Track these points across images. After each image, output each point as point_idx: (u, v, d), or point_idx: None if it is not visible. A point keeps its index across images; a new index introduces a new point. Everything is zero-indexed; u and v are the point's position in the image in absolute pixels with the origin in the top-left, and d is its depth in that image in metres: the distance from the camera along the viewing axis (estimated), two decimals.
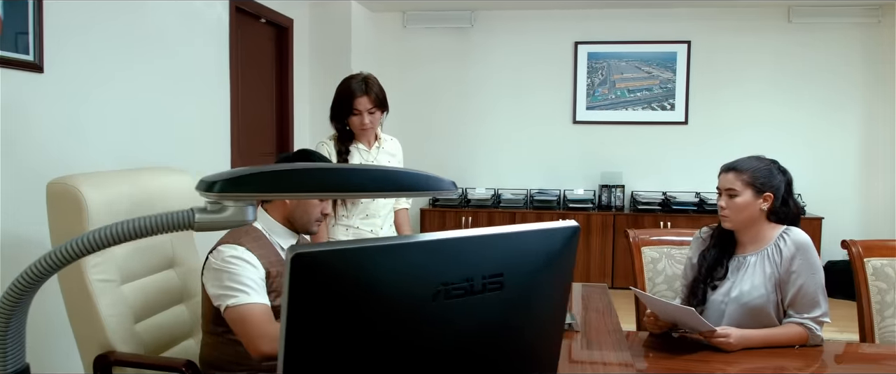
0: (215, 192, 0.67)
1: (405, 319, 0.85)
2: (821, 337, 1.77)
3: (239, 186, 0.69)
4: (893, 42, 4.75)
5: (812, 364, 1.72)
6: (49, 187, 1.66)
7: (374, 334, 0.82)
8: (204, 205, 0.72)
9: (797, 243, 1.75)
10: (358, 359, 0.82)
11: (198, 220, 0.70)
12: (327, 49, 4.89)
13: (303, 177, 0.72)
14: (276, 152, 4.59)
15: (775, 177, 1.85)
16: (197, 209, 0.71)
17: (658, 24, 4.97)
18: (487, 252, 0.93)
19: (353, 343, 0.81)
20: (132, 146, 2.80)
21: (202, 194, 0.71)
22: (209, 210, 0.72)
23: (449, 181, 0.88)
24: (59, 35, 2.36)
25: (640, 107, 5.05)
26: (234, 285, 1.54)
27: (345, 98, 2.24)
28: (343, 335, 0.80)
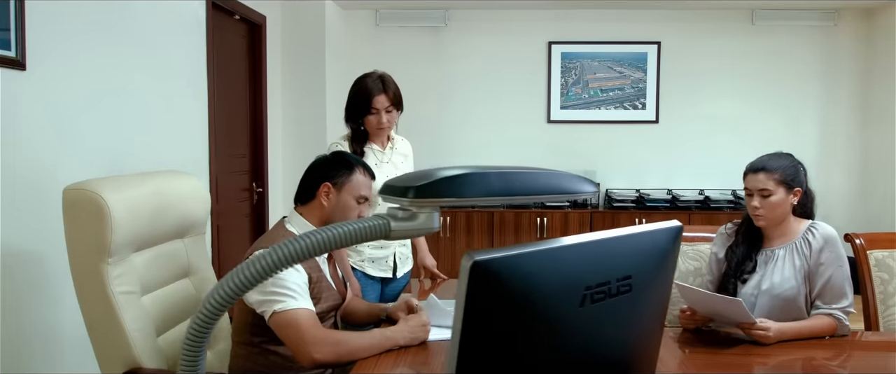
0: (410, 198, 0.63)
1: (560, 322, 0.82)
2: (848, 327, 1.82)
3: (432, 192, 0.64)
4: (847, 44, 5.01)
5: (841, 354, 1.78)
6: (66, 194, 1.54)
7: (535, 338, 0.79)
8: (396, 212, 0.66)
9: (825, 237, 1.81)
10: (520, 364, 0.78)
11: (394, 228, 0.65)
12: (299, 47, 4.77)
13: (490, 180, 0.68)
14: (250, 154, 4.44)
15: (800, 172, 1.91)
16: (392, 217, 0.66)
17: (629, 25, 5.07)
18: (617, 255, 0.91)
19: (517, 349, 0.78)
20: (114, 145, 2.66)
21: (389, 199, 0.66)
22: (400, 217, 0.66)
23: (594, 183, 0.87)
24: (40, 32, 2.23)
25: (612, 106, 5.14)
26: (279, 290, 1.47)
27: (362, 96, 2.18)
28: (510, 341, 0.76)
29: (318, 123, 4.82)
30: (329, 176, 1.67)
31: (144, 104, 2.91)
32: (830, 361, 1.75)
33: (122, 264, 1.58)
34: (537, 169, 0.77)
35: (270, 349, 1.58)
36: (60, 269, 2.32)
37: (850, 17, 4.99)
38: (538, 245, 0.77)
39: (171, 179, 1.83)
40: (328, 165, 1.70)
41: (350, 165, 1.69)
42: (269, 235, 1.64)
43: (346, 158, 1.72)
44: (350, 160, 1.72)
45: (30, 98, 2.20)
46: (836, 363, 1.75)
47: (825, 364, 1.73)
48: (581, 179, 0.83)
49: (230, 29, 4.05)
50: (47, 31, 2.26)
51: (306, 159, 4.79)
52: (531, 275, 0.76)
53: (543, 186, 0.74)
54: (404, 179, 0.67)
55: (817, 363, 1.73)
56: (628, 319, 0.95)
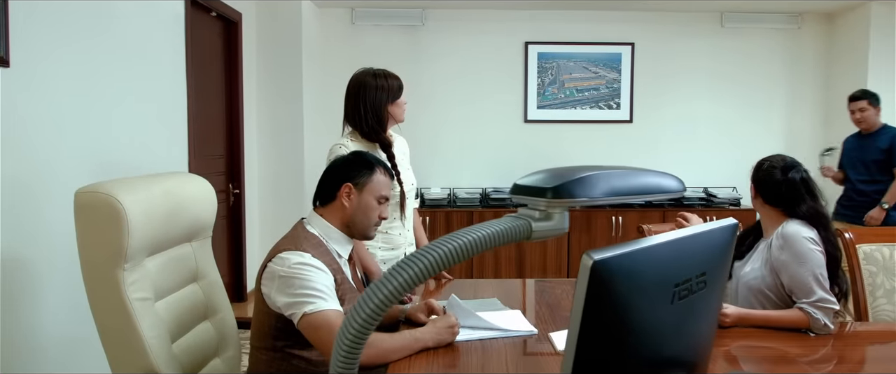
0: (548, 198, 0.61)
1: (657, 319, 0.82)
2: (821, 321, 1.80)
3: (567, 193, 0.63)
4: (811, 46, 5.21)
5: (814, 346, 1.79)
6: (79, 196, 1.47)
7: (637, 336, 0.79)
8: (532, 213, 0.65)
9: (784, 235, 1.88)
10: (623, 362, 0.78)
11: (535, 229, 0.64)
12: (275, 45, 4.69)
13: (614, 181, 0.68)
14: (226, 154, 4.33)
15: (761, 171, 2.01)
16: (530, 218, 0.64)
17: (603, 26, 5.15)
18: (695, 253, 0.92)
19: (622, 346, 0.78)
20: (97, 144, 2.57)
21: (521, 199, 0.65)
22: (537, 218, 0.65)
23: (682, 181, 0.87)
24: (23, 29, 2.14)
25: (588, 106, 5.21)
26: (309, 291, 1.44)
27: (394, 90, 2.14)
28: (618, 339, 0.76)
29: (294, 122, 4.74)
30: (350, 177, 1.63)
31: (125, 102, 2.81)
32: (806, 354, 1.76)
33: (138, 269, 1.52)
34: (643, 169, 0.77)
35: (294, 353, 1.55)
36: (43, 271, 2.23)
37: (812, 20, 5.19)
38: (639, 244, 0.77)
39: (180, 180, 1.76)
40: (349, 165, 1.66)
41: (371, 165, 1.66)
42: (292, 237, 1.60)
43: (367, 158, 1.69)
44: (370, 160, 1.69)
45: (14, 95, 2.11)
46: (816, 354, 1.77)
47: (790, 354, 1.73)
48: (675, 178, 0.83)
49: (207, 26, 3.94)
50: (30, 28, 2.18)
51: (283, 160, 4.74)
52: (636, 273, 0.76)
53: (653, 186, 0.75)
54: (535, 180, 0.66)
55: (789, 356, 1.74)
56: (704, 314, 0.97)
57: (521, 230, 0.63)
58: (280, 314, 1.52)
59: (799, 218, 1.93)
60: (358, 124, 2.17)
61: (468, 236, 0.60)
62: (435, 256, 0.58)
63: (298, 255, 1.50)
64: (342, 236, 1.65)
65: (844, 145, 4.11)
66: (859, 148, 3.91)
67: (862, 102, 3.85)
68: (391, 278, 0.57)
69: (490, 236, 0.61)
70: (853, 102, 3.90)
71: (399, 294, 0.58)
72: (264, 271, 1.54)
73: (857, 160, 3.93)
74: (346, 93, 2.19)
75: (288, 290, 1.46)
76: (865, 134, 3.91)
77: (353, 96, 2.16)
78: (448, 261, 0.59)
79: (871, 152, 3.84)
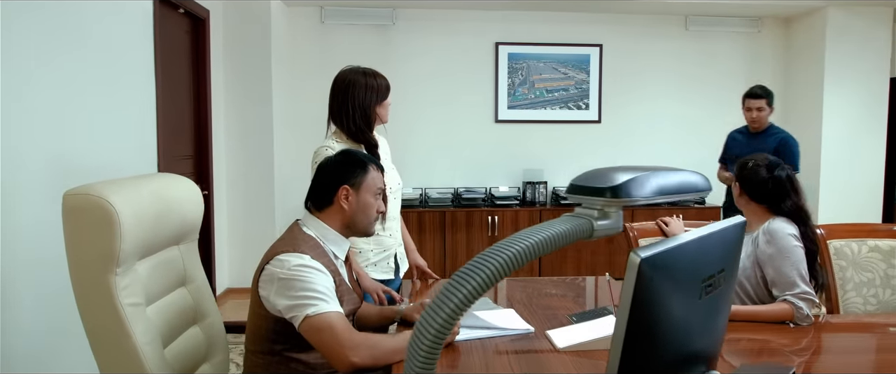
0: (607, 198, 0.62)
1: (689, 314, 0.84)
2: (805, 311, 1.93)
3: (624, 192, 0.64)
4: (769, 48, 5.39)
5: (796, 337, 1.87)
6: (68, 199, 1.41)
7: (673, 331, 0.81)
8: (591, 212, 0.65)
9: (770, 231, 1.96)
10: (660, 357, 0.80)
11: (596, 227, 0.64)
12: (243, 43, 4.60)
13: (663, 181, 0.69)
14: (195, 155, 4.23)
15: (746, 169, 2.08)
16: (591, 217, 0.65)
17: (572, 27, 5.22)
18: (715, 249, 0.95)
19: (660, 341, 0.79)
20: (61, 145, 2.47)
21: (578, 199, 0.65)
22: (596, 217, 0.66)
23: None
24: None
25: (557, 106, 5.28)
26: (310, 294, 1.42)
27: (383, 90, 2.11)
28: (658, 334, 0.77)
29: (263, 123, 4.66)
30: (346, 179, 1.61)
31: (92, 100, 2.71)
32: (790, 345, 1.84)
33: (129, 273, 1.47)
34: (675, 168, 0.79)
35: (292, 356, 1.52)
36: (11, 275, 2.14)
37: (771, 24, 5.37)
38: (674, 242, 0.79)
39: (166, 181, 1.71)
40: (343, 166, 1.64)
41: (363, 163, 1.65)
42: (289, 239, 1.57)
43: (358, 157, 1.67)
44: (361, 158, 1.67)
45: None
46: (800, 344, 1.85)
47: (780, 347, 1.81)
48: (702, 176, 0.85)
49: (174, 23, 3.84)
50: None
51: (252, 161, 4.66)
52: (675, 269, 0.78)
53: (690, 184, 0.76)
54: (590, 180, 0.67)
55: (774, 346, 1.82)
56: (722, 309, 0.99)
57: (583, 229, 0.64)
58: (278, 317, 1.49)
59: (783, 214, 2.00)
60: (344, 123, 2.13)
61: (537, 236, 0.60)
62: (508, 255, 0.58)
63: (297, 257, 1.47)
64: (339, 237, 1.63)
65: (729, 141, 4.00)
66: (748, 146, 3.72)
67: (761, 100, 3.73)
68: (469, 277, 0.57)
69: (557, 235, 0.62)
70: (752, 100, 3.75)
71: (479, 293, 0.57)
72: (262, 273, 1.51)
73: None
74: (332, 91, 2.16)
75: (288, 292, 1.43)
76: (754, 132, 3.80)
77: (340, 94, 2.12)
78: (519, 261, 0.59)
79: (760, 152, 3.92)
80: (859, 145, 5.05)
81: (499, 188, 5.15)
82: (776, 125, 3.82)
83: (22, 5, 2.21)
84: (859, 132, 5.04)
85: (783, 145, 3.63)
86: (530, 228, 0.64)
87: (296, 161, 5.17)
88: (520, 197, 5.11)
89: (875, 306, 2.37)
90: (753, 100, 3.73)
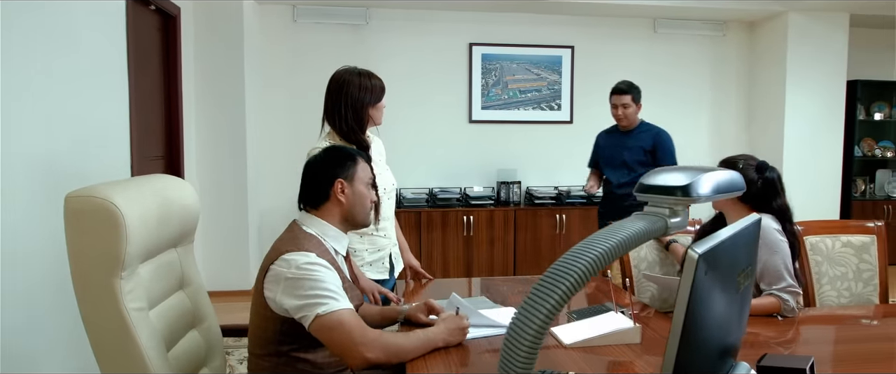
0: (678, 197, 0.64)
1: (729, 308, 0.87)
2: (792, 304, 2.03)
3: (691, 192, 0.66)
4: (734, 51, 5.56)
5: (782, 329, 1.95)
6: (70, 201, 1.37)
7: (719, 323, 0.83)
8: (662, 211, 0.67)
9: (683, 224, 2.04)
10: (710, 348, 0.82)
11: (670, 225, 0.66)
12: (214, 42, 4.51)
13: (721, 181, 0.71)
14: (166, 156, 4.12)
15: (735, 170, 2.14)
16: (664, 215, 0.67)
17: (545, 29, 5.29)
18: (742, 245, 0.98)
19: (707, 334, 0.81)
20: (36, 147, 2.39)
21: (648, 197, 0.67)
22: (668, 215, 0.68)
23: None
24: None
25: (530, 107, 5.34)
26: (321, 292, 1.41)
27: (377, 91, 2.11)
28: (708, 328, 0.80)
29: (235, 122, 4.58)
30: (339, 173, 1.61)
31: (63, 98, 2.62)
32: (777, 337, 1.92)
33: (133, 277, 1.43)
34: (718, 168, 0.82)
35: (299, 356, 1.51)
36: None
37: (736, 28, 5.54)
38: (721, 236, 0.82)
39: (164, 182, 1.67)
40: (334, 162, 1.63)
41: (351, 155, 1.66)
42: (292, 238, 1.54)
43: (344, 151, 1.68)
44: (348, 151, 1.68)
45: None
46: (786, 336, 1.93)
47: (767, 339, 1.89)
48: (740, 176, 0.88)
49: (145, 20, 3.74)
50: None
51: (224, 161, 4.56)
52: (722, 264, 0.80)
53: (736, 182, 0.79)
54: (661, 179, 0.68)
55: (762, 339, 1.90)
56: (747, 302, 1.03)
57: (659, 227, 0.66)
58: (285, 318, 1.47)
59: (769, 212, 2.08)
60: (337, 124, 2.13)
61: (619, 236, 0.62)
62: (596, 254, 0.59)
63: (303, 255, 1.46)
64: (339, 233, 1.62)
65: (599, 143, 3.74)
66: (619, 146, 3.50)
67: (626, 97, 3.41)
68: (562, 278, 0.58)
69: (637, 234, 0.63)
70: (616, 96, 3.44)
71: (572, 292, 0.59)
72: (267, 274, 1.48)
73: (617, 160, 3.52)
74: (328, 90, 2.15)
75: (297, 291, 1.42)
76: (625, 131, 3.52)
77: (335, 94, 2.12)
78: (605, 260, 0.60)
79: (634, 152, 3.45)
80: (819, 144, 5.26)
81: (473, 188, 5.18)
82: (647, 122, 3.56)
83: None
84: (819, 131, 5.25)
85: (659, 142, 3.42)
86: (605, 229, 0.65)
87: (269, 161, 5.10)
88: (494, 197, 5.14)
89: (848, 298, 2.48)
90: (619, 96, 3.43)
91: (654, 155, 3.39)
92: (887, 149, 5.84)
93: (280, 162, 5.13)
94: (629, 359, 1.54)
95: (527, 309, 0.60)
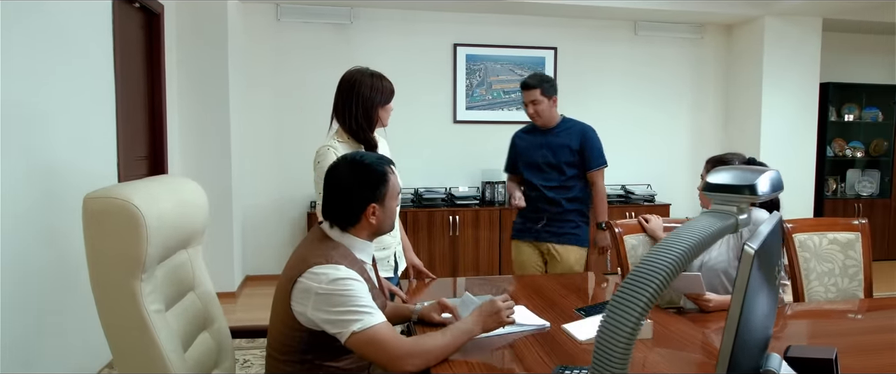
0: (746, 196, 0.67)
1: (767, 303, 0.90)
2: (782, 297, 2.13)
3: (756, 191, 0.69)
4: (712, 53, 5.69)
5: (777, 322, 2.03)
6: (89, 203, 1.34)
7: (762, 317, 0.87)
8: (730, 209, 0.70)
9: (754, 221, 2.10)
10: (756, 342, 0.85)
11: (740, 222, 0.69)
12: (198, 40, 4.44)
13: (773, 177, 0.75)
14: (150, 156, 4.05)
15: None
16: (733, 213, 0.69)
17: (528, 30, 5.33)
18: (774, 242, 1.01)
19: (758, 328, 0.85)
20: (27, 146, 2.34)
21: (719, 197, 0.69)
22: (736, 213, 0.70)
23: None
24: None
25: (514, 107, 5.38)
26: (355, 308, 1.40)
27: (387, 93, 2.12)
28: (757, 321, 0.83)
29: (220, 122, 4.52)
30: (373, 197, 1.55)
31: (52, 98, 2.57)
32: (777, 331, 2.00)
33: (152, 279, 1.41)
34: (768, 167, 0.85)
35: (324, 364, 1.50)
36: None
37: (713, 31, 5.67)
38: (764, 232, 0.85)
39: (176, 183, 1.65)
40: (365, 184, 1.55)
41: (382, 173, 1.58)
42: (320, 248, 1.49)
43: (376, 170, 1.58)
44: (378, 169, 1.59)
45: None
46: (781, 331, 2.00)
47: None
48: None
49: (129, 18, 3.67)
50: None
51: (208, 161, 4.51)
52: (767, 258, 0.84)
53: (782, 183, 0.82)
54: (727, 178, 0.71)
55: None
56: (778, 296, 1.07)
57: (731, 224, 0.69)
58: (314, 331, 1.45)
59: (762, 208, 2.15)
60: (346, 122, 2.14)
61: (696, 235, 0.64)
62: (680, 252, 0.61)
63: (334, 269, 1.43)
64: (365, 243, 1.60)
65: (517, 143, 3.17)
66: (543, 147, 2.99)
67: (534, 92, 2.89)
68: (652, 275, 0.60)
69: (713, 232, 0.66)
70: (525, 92, 2.93)
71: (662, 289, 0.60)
72: (294, 286, 1.45)
73: (542, 162, 2.99)
74: (338, 89, 2.16)
75: (329, 308, 1.40)
76: (545, 130, 3.01)
77: (346, 93, 2.13)
78: (689, 258, 0.62)
79: (561, 153, 2.96)
80: (794, 143, 5.41)
81: (458, 188, 5.20)
82: (568, 117, 3.06)
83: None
84: (794, 131, 5.40)
85: (586, 140, 2.98)
86: (679, 229, 0.67)
87: (253, 161, 5.04)
88: (479, 197, 5.17)
89: (835, 293, 2.57)
90: (528, 91, 2.91)
91: (582, 155, 2.97)
92: (857, 149, 6.03)
93: (264, 161, 5.09)
94: (643, 354, 1.58)
95: (619, 308, 0.62)
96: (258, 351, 3.37)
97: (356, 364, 1.53)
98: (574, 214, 3.01)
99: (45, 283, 2.47)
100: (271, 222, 5.14)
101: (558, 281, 2.42)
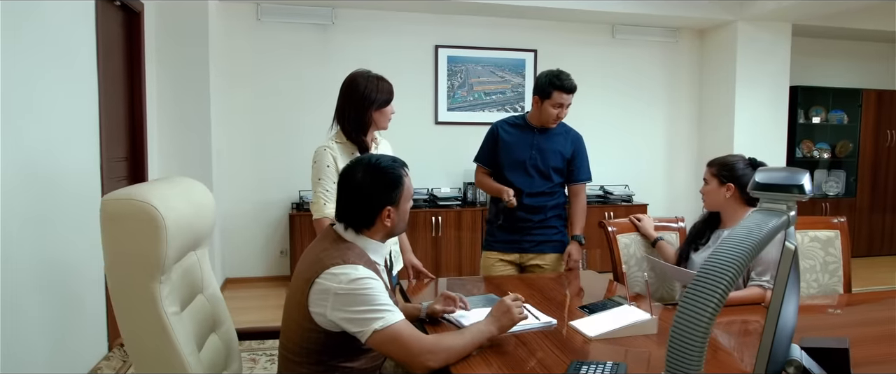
0: (796, 194, 0.70)
1: (796, 292, 0.94)
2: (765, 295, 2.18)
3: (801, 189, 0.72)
4: (686, 57, 5.83)
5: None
6: (108, 205, 1.33)
7: (794, 307, 0.91)
8: (780, 208, 0.73)
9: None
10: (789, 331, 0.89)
11: (791, 219, 0.72)
12: (178, 40, 4.38)
13: (808, 176, 0.79)
14: (129, 156, 3.97)
15: (738, 170, 2.25)
16: (783, 212, 0.73)
17: (508, 32, 5.39)
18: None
19: (790, 317, 0.89)
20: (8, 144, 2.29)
21: (768, 196, 0.73)
22: (785, 211, 0.74)
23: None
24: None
25: (495, 109, 5.42)
26: (374, 307, 1.42)
27: (383, 96, 2.13)
28: (791, 312, 0.87)
29: (200, 124, 4.46)
30: (389, 200, 1.56)
31: (33, 96, 2.51)
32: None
33: (169, 281, 1.40)
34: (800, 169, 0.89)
35: (340, 365, 1.51)
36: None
37: (687, 35, 5.81)
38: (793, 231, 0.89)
39: (186, 185, 1.63)
40: (381, 187, 1.56)
41: (398, 176, 1.58)
42: (335, 249, 1.50)
43: (393, 172, 1.58)
44: (397, 172, 1.59)
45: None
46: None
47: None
48: None
49: (109, 17, 3.60)
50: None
51: (188, 161, 4.44)
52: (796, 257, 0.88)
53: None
54: (779, 178, 0.75)
55: (753, 327, 2.03)
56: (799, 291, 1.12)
57: (784, 222, 0.72)
58: (332, 332, 1.46)
59: None
60: (343, 122, 2.16)
61: (756, 235, 0.68)
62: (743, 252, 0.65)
63: (352, 269, 1.44)
64: (379, 244, 1.61)
65: (501, 136, 2.81)
66: (535, 148, 2.71)
67: (572, 96, 2.65)
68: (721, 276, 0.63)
69: (770, 230, 0.69)
70: (568, 95, 2.64)
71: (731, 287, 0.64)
72: (311, 287, 1.44)
73: (531, 164, 2.71)
74: (340, 90, 2.18)
75: (349, 307, 1.41)
76: (542, 130, 2.73)
77: (345, 94, 2.15)
78: (753, 254, 0.66)
79: (553, 158, 2.72)
80: (766, 144, 5.58)
81: (441, 189, 5.23)
82: (563, 122, 2.79)
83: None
84: (766, 132, 5.57)
85: (578, 148, 2.80)
86: (734, 230, 0.70)
87: (233, 162, 4.98)
88: (461, 198, 5.20)
89: (816, 289, 2.66)
90: (570, 94, 2.63)
91: (570, 164, 2.77)
92: (823, 150, 6.24)
93: (245, 163, 5.03)
94: (648, 348, 1.62)
95: (691, 308, 0.65)
96: (258, 351, 3.34)
97: (371, 364, 1.54)
98: (555, 219, 2.78)
99: (31, 281, 2.42)
100: (251, 224, 5.09)
101: (552, 280, 2.46)
